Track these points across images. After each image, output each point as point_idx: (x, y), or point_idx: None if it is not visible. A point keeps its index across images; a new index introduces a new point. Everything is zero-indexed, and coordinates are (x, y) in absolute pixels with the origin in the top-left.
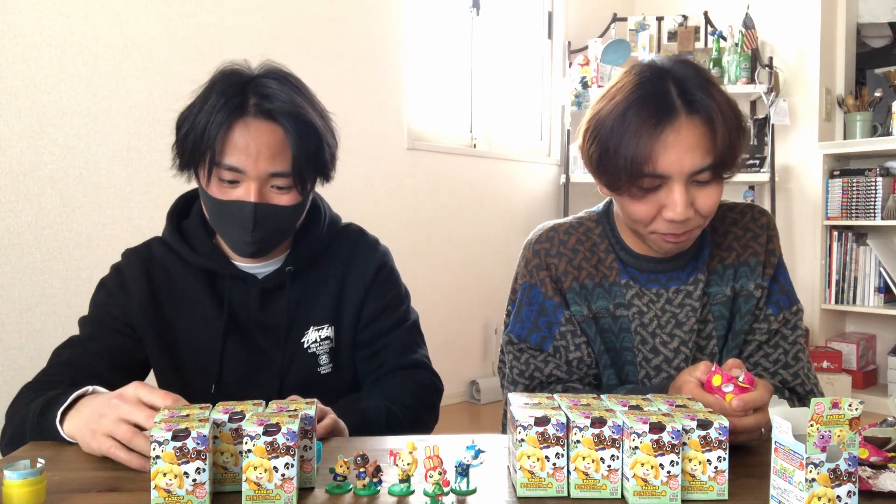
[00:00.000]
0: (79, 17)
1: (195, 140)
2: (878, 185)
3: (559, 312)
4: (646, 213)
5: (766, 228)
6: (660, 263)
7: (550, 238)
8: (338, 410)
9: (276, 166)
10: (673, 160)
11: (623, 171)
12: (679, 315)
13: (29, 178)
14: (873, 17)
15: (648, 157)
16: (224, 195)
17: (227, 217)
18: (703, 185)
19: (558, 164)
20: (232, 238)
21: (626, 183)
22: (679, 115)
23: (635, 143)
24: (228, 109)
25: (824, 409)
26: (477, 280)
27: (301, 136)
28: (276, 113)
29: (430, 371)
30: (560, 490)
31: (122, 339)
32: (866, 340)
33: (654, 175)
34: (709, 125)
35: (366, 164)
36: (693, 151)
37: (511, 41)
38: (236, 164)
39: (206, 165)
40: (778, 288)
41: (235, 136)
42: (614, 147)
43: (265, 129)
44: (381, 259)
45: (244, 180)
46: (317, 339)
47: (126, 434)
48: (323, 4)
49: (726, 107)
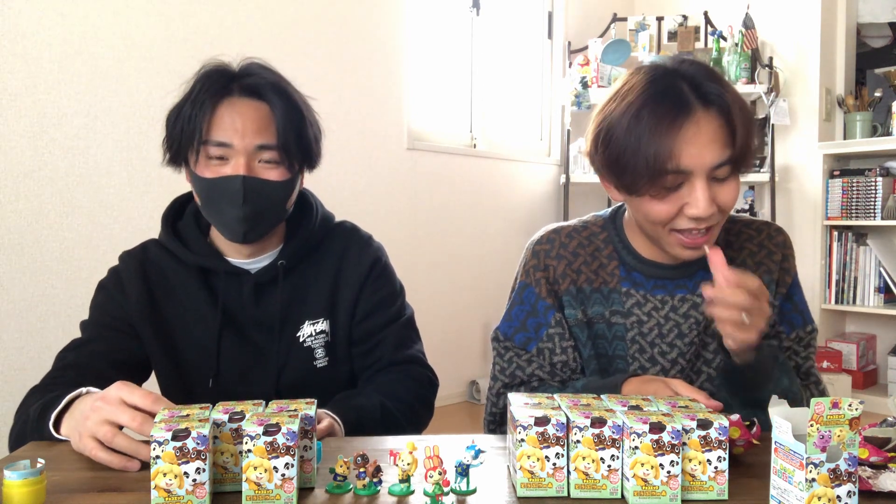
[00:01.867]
0: (79, 17)
1: (183, 126)
2: (878, 185)
3: (550, 314)
4: (667, 213)
5: (781, 247)
6: (667, 270)
7: (551, 240)
8: (333, 407)
9: (263, 139)
10: (694, 154)
11: (644, 170)
12: (682, 326)
13: (29, 178)
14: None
15: (670, 153)
16: (213, 173)
17: (217, 195)
18: (722, 181)
19: (558, 164)
20: (224, 217)
21: (646, 183)
22: (696, 109)
23: (656, 141)
24: (213, 92)
25: (824, 409)
26: (477, 280)
27: (285, 110)
28: (260, 88)
29: (425, 366)
30: (560, 490)
31: (122, 339)
32: (866, 340)
33: (676, 171)
34: (726, 118)
35: (366, 164)
36: (713, 145)
37: (511, 41)
38: (223, 139)
39: (195, 146)
40: (791, 307)
41: (222, 114)
42: (633, 147)
43: (250, 105)
44: (376, 255)
45: (232, 156)
46: (312, 333)
47: (107, 434)
48: (323, 5)
49: (739, 100)
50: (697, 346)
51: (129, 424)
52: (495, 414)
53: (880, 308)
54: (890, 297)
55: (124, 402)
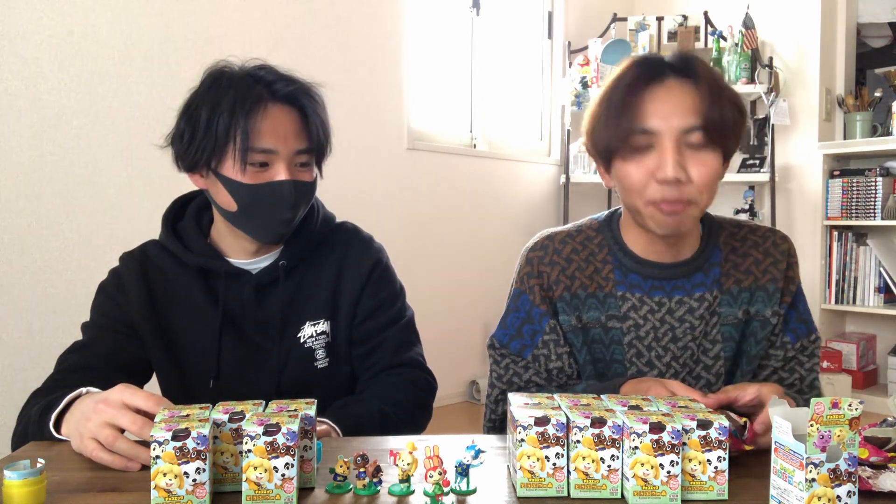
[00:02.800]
0: (79, 17)
1: (217, 134)
2: (878, 185)
3: (544, 321)
4: (639, 179)
5: (786, 255)
6: (665, 269)
7: (545, 246)
8: (331, 415)
9: (300, 144)
10: (662, 115)
11: (614, 130)
12: (677, 329)
13: (29, 178)
14: (873, 17)
15: (639, 112)
16: (256, 179)
17: (265, 200)
18: (696, 151)
19: (558, 164)
20: (269, 221)
21: (617, 142)
22: (668, 76)
23: (627, 101)
24: (251, 99)
25: (824, 409)
26: (477, 280)
27: (317, 114)
28: (296, 94)
29: (424, 370)
30: (560, 490)
31: (124, 341)
32: (866, 340)
33: (644, 131)
34: (698, 87)
35: (366, 164)
36: (683, 109)
37: (511, 41)
38: (268, 146)
39: (235, 153)
40: (796, 316)
41: (263, 122)
42: (607, 109)
43: (287, 110)
44: (376, 256)
45: (274, 162)
46: (312, 333)
47: (109, 437)
48: (323, 5)
49: (719, 79)
50: (694, 351)
51: (130, 428)
52: (494, 420)
53: (880, 308)
54: (890, 297)
55: (126, 405)
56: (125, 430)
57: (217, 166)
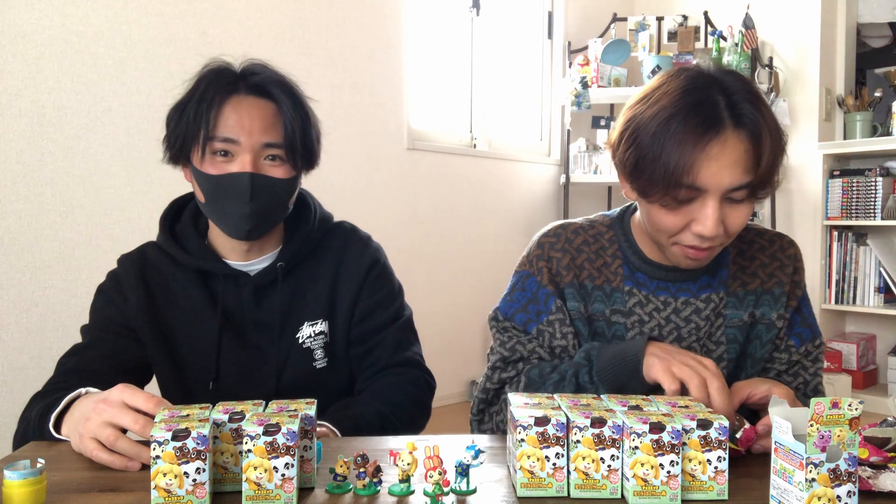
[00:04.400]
0: (79, 17)
1: (188, 123)
2: (878, 185)
3: (551, 301)
4: (673, 225)
5: (793, 259)
6: (672, 272)
7: (557, 234)
8: (330, 417)
9: (269, 137)
10: (713, 174)
11: (660, 179)
12: (682, 329)
13: (29, 178)
14: (873, 17)
15: (689, 168)
16: (219, 170)
17: (223, 191)
18: (736, 203)
19: (558, 164)
20: (229, 214)
21: (659, 192)
22: (726, 128)
23: (678, 153)
24: (219, 89)
25: (824, 409)
26: (476, 280)
27: (292, 108)
28: (267, 86)
29: (422, 369)
30: (560, 490)
31: (123, 342)
32: (866, 340)
33: (691, 187)
34: (754, 142)
35: (366, 164)
36: (735, 167)
37: (511, 41)
38: (230, 136)
39: (200, 142)
40: (801, 320)
41: (228, 111)
42: (654, 154)
43: (257, 103)
44: (374, 255)
45: (238, 153)
46: (311, 334)
47: (109, 437)
48: (323, 5)
49: (773, 125)
50: (698, 351)
51: (132, 427)
52: (489, 390)
53: (880, 308)
54: (890, 297)
55: (126, 405)
56: (126, 430)
57: (192, 157)
